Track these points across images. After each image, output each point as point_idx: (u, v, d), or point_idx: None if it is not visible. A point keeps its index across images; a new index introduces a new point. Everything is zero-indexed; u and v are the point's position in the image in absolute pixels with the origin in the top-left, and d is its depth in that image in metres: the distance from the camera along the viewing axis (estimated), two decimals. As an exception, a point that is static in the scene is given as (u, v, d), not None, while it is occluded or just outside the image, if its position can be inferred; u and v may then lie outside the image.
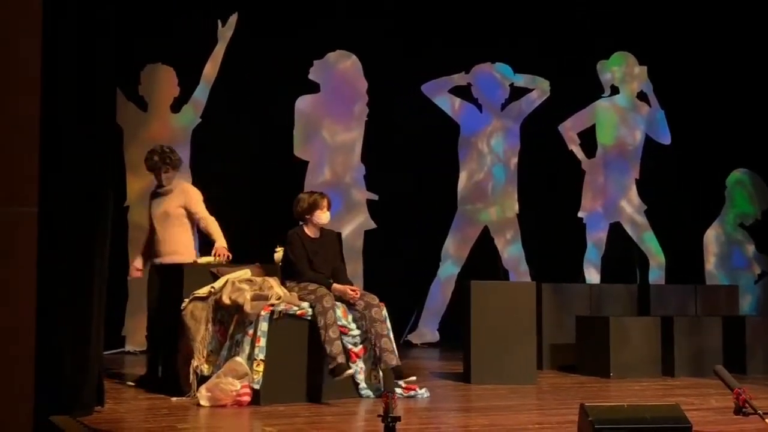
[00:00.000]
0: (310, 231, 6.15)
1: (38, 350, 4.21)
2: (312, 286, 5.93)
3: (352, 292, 5.98)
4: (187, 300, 5.96)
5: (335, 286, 5.98)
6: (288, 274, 6.11)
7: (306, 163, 9.86)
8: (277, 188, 9.19)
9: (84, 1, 4.80)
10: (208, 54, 9.34)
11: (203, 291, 5.93)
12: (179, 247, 6.46)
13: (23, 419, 4.15)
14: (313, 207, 6.12)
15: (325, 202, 6.16)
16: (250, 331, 5.62)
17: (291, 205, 6.21)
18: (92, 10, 4.84)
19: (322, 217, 6.14)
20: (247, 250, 6.73)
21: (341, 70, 10.14)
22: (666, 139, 10.97)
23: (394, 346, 6.02)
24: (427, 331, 10.38)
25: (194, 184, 9.21)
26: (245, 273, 6.01)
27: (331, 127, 10.07)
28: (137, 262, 6.83)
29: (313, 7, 9.92)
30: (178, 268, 6.21)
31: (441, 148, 10.63)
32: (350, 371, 5.72)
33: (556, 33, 10.71)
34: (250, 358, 5.57)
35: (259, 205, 9.41)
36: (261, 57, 9.70)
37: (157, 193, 6.59)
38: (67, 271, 4.67)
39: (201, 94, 9.37)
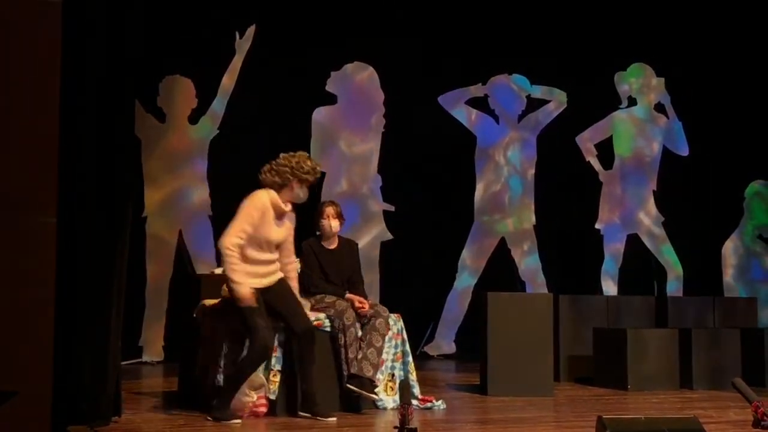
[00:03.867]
0: (325, 241, 6.13)
1: (56, 360, 4.24)
2: (329, 299, 5.92)
3: (359, 304, 5.91)
4: (199, 309, 5.96)
5: (347, 295, 5.97)
6: (304, 285, 6.08)
7: (323, 174, 9.87)
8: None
9: (104, 16, 4.84)
10: (226, 66, 9.37)
11: (214, 301, 5.92)
12: None
13: (41, 429, 4.17)
14: (319, 215, 6.09)
15: (329, 211, 6.03)
16: (267, 342, 5.62)
17: (309, 216, 6.17)
18: (112, 25, 4.87)
19: (326, 225, 6.04)
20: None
21: (358, 81, 10.16)
22: (684, 150, 10.93)
23: (399, 364, 5.98)
24: (444, 342, 10.36)
25: (211, 195, 9.33)
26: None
27: (348, 138, 10.09)
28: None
29: (330, 19, 9.95)
30: None
31: (458, 159, 10.63)
32: (375, 396, 5.69)
33: (573, 44, 10.70)
34: (267, 369, 5.57)
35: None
36: (278, 68, 9.73)
37: (283, 211, 5.56)
38: (86, 281, 4.70)
39: (219, 105, 9.41)
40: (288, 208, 5.57)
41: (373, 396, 5.74)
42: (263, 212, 5.42)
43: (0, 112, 4.10)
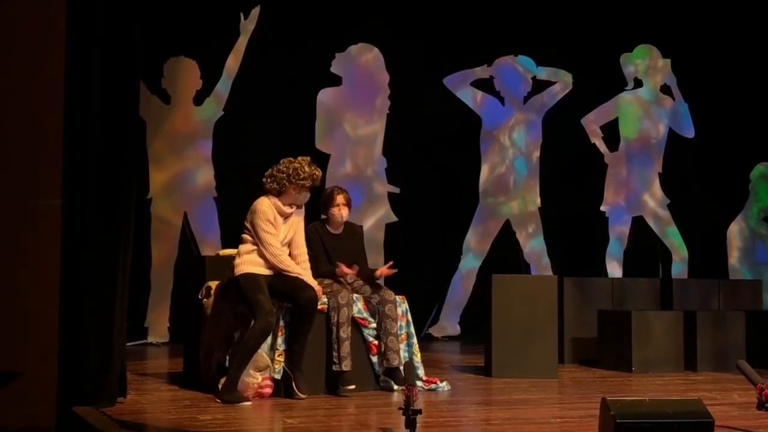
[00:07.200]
0: (331, 225, 6.13)
1: (62, 341, 4.26)
2: (328, 281, 5.93)
3: (346, 270, 5.89)
4: (203, 291, 5.98)
5: (338, 270, 5.94)
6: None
7: (328, 156, 9.86)
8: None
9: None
10: (231, 47, 9.35)
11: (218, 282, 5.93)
12: None
13: (47, 410, 4.20)
14: (328, 203, 6.10)
15: (341, 199, 6.05)
16: (272, 323, 5.63)
17: (314, 198, 6.14)
18: (118, 6, 4.86)
19: (337, 214, 6.05)
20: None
21: (363, 63, 10.13)
22: (690, 132, 10.90)
23: (404, 346, 6.00)
24: (448, 324, 10.37)
25: (216, 177, 9.33)
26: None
27: (352, 120, 10.06)
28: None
29: (335, 0, 9.90)
30: None
31: (463, 141, 10.61)
32: (351, 387, 5.67)
33: (579, 25, 10.65)
34: (272, 349, 5.59)
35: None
36: (283, 49, 9.71)
37: (286, 213, 5.72)
38: (91, 262, 4.71)
39: (223, 86, 9.38)
40: (291, 210, 5.72)
41: (419, 383, 5.83)
42: (271, 219, 5.62)
43: (5, 94, 4.10)
